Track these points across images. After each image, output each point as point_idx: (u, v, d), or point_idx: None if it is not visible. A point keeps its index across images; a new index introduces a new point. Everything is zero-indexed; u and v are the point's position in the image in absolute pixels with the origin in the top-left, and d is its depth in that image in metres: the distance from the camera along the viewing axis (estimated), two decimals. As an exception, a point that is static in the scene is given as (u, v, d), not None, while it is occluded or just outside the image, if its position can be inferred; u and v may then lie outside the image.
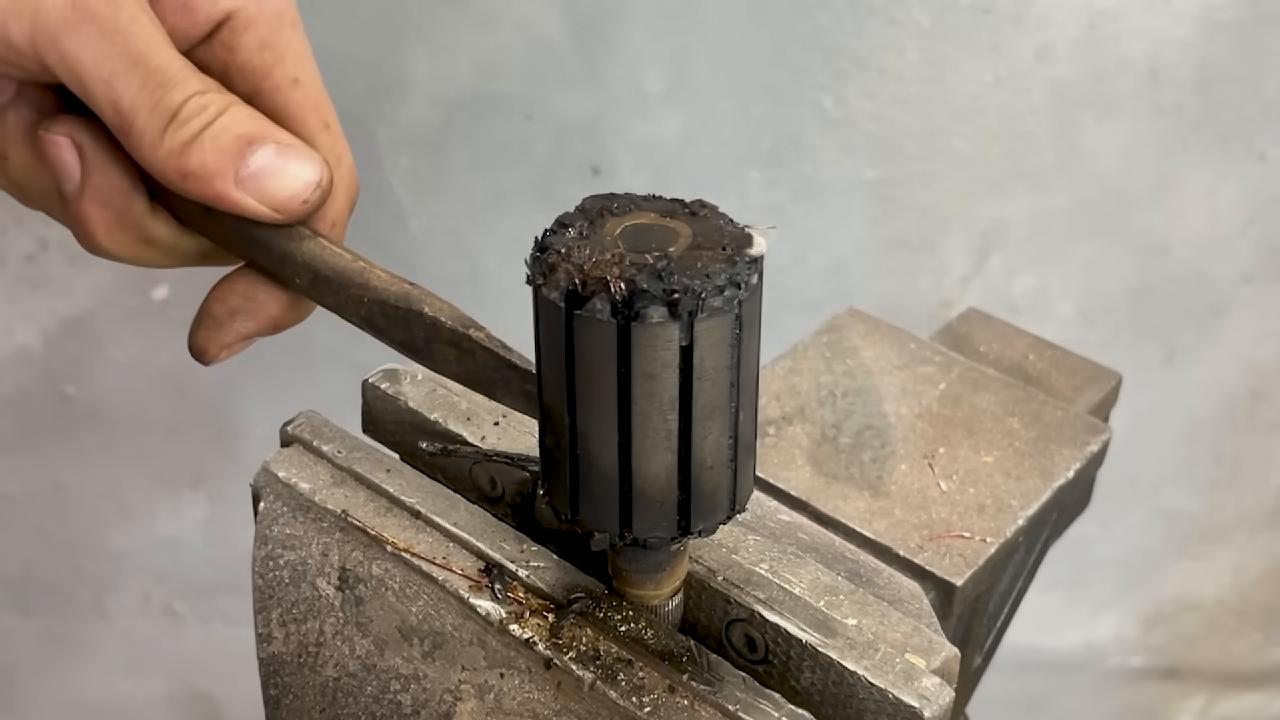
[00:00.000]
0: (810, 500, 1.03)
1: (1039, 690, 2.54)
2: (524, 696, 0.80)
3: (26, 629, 2.27)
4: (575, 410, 0.72)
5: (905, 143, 1.91)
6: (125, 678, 2.34)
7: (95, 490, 2.13)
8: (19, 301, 1.93)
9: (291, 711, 0.88)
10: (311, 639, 0.86)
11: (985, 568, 1.00)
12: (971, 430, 1.10)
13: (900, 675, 0.79)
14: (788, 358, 1.16)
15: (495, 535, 0.87)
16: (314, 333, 2.00)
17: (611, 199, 0.73)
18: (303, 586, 0.87)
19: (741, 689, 0.79)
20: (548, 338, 0.71)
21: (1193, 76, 1.91)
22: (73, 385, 2.02)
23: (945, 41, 1.85)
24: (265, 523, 0.90)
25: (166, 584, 2.25)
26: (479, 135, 1.85)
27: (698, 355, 0.69)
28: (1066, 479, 1.08)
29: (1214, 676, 2.62)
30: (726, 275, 0.68)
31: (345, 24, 1.77)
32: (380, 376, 0.96)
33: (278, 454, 0.93)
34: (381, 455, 0.93)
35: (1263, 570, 2.47)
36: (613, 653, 0.81)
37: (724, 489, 0.75)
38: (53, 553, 2.19)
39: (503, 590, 0.84)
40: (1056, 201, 2.00)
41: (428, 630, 0.83)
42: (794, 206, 1.93)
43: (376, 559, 0.86)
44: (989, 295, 2.04)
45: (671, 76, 1.83)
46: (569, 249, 0.69)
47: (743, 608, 0.83)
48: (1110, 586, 2.45)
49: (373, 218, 1.91)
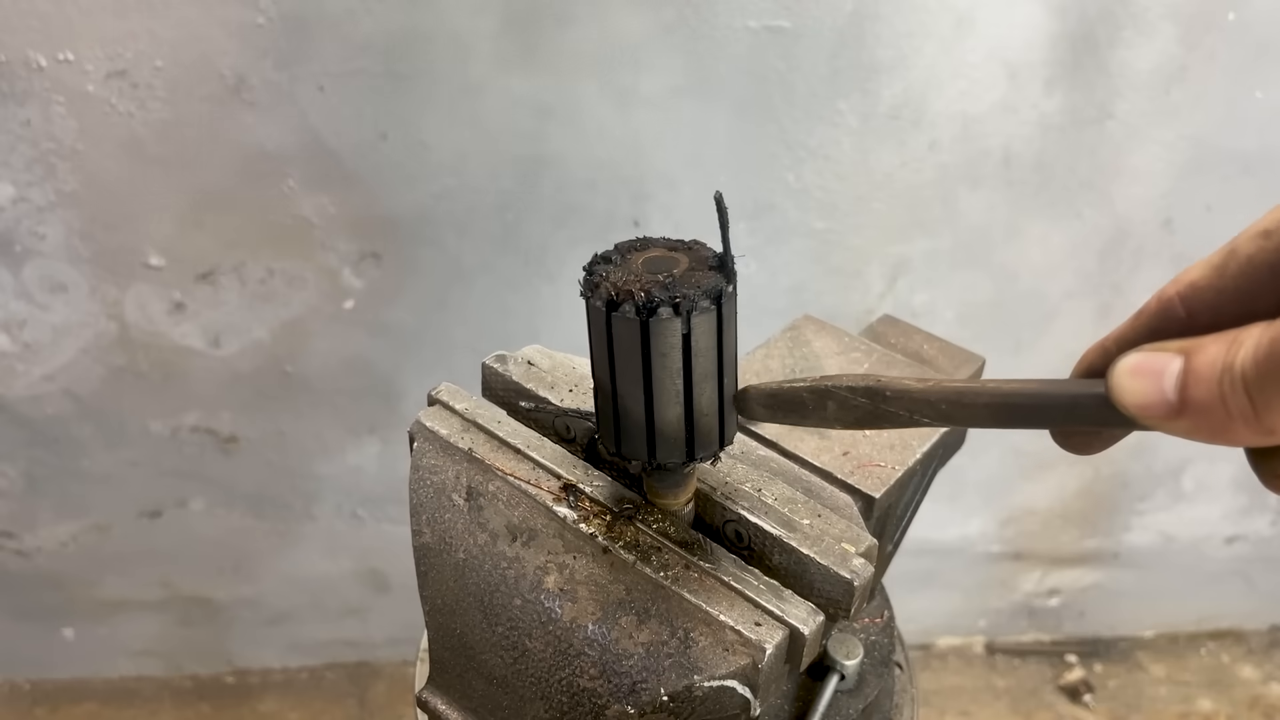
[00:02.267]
0: (779, 442, 1.03)
1: (931, 568, 2.53)
2: (589, 571, 0.80)
3: (260, 527, 2.28)
4: (616, 379, 0.73)
5: (842, 204, 1.90)
6: (325, 559, 2.35)
7: (305, 434, 2.14)
8: (255, 310, 1.94)
9: (435, 582, 0.88)
10: (448, 533, 0.86)
11: (895, 486, 0.99)
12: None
13: (838, 557, 0.79)
14: (763, 347, 1.16)
15: (570, 465, 0.87)
16: (450, 330, 2.01)
17: (636, 241, 0.75)
18: (442, 499, 0.87)
19: (733, 566, 0.79)
20: (595, 332, 0.72)
21: (1033, 160, 1.90)
22: (291, 365, 2.02)
23: (869, 137, 1.84)
24: (417, 456, 0.90)
25: (352, 497, 2.25)
26: (559, 198, 1.85)
27: (694, 340, 0.70)
28: (948, 428, 1.07)
29: (1046, 559, 2.61)
30: (711, 286, 0.70)
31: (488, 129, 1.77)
32: (494, 359, 0.96)
33: (425, 411, 0.93)
34: (495, 411, 0.93)
35: (1078, 488, 2.46)
36: (648, 542, 0.81)
37: (716, 430, 0.76)
38: (276, 476, 2.19)
39: (575, 501, 0.84)
40: (942, 243, 1.99)
41: (525, 527, 0.83)
42: (768, 247, 1.92)
43: (491, 480, 0.86)
44: (897, 306, 2.03)
45: (687, 160, 1.83)
46: (608, 273, 0.71)
47: (733, 512, 0.83)
48: (977, 498, 2.44)
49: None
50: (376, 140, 1.76)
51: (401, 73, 1.70)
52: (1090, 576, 2.67)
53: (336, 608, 2.47)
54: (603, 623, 0.77)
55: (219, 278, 1.89)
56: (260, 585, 2.40)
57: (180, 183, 1.78)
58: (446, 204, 1.84)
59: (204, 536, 2.28)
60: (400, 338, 2.00)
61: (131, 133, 1.72)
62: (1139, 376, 0.55)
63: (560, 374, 0.95)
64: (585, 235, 1.89)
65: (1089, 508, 2.51)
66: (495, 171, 1.82)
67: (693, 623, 0.76)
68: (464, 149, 1.79)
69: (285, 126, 1.74)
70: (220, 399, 2.06)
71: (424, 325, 1.99)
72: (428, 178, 1.81)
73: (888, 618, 1.14)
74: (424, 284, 1.93)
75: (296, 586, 2.41)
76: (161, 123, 1.72)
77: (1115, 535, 2.58)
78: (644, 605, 0.77)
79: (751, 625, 0.75)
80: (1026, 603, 2.71)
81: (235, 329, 1.96)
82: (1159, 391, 0.54)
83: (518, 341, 1.02)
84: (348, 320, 1.97)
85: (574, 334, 0.83)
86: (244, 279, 1.90)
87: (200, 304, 1.92)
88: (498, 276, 1.93)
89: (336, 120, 1.74)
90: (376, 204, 1.82)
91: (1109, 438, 0.68)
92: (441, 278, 1.92)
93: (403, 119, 1.75)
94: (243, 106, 1.71)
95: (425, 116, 1.75)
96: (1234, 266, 0.59)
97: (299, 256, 1.88)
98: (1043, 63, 1.80)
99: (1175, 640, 2.81)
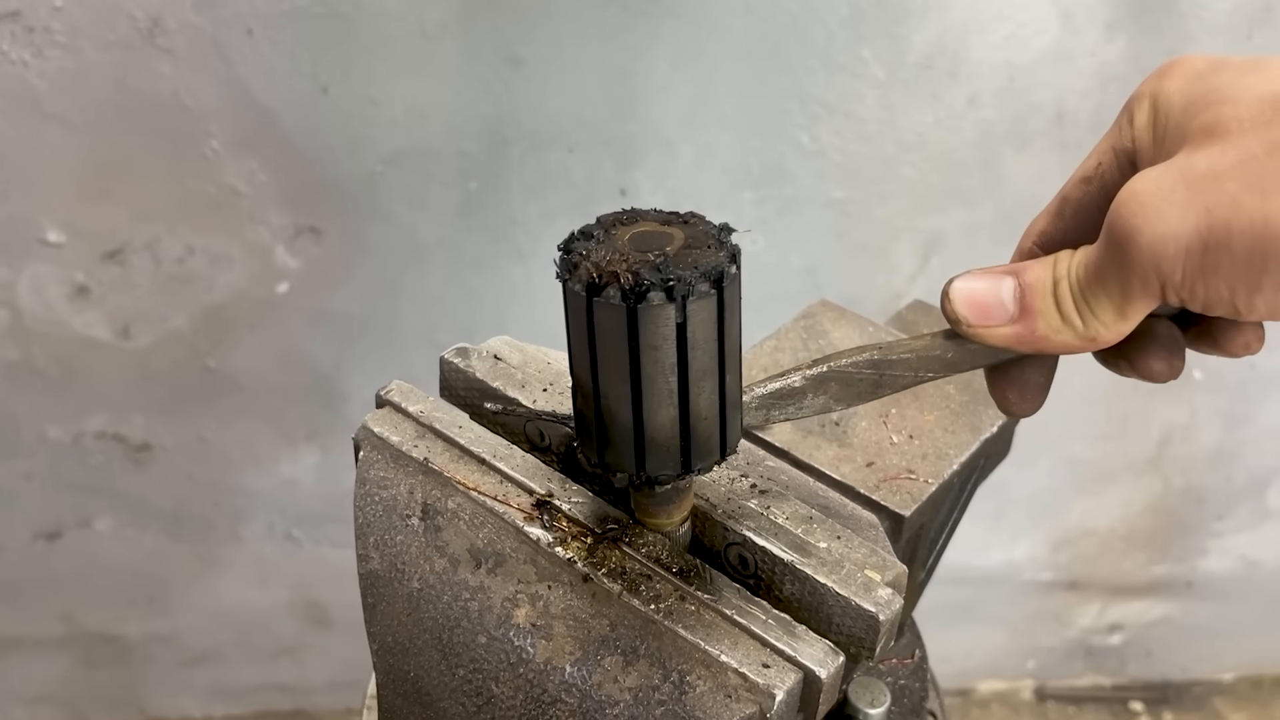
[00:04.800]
0: (790, 450, 1.03)
1: (970, 599, 2.54)
2: (566, 603, 0.80)
3: (177, 550, 2.28)
4: (598, 376, 0.73)
5: (865, 170, 1.91)
6: (254, 588, 2.35)
7: (231, 442, 2.13)
8: (173, 295, 1.93)
9: (385, 615, 0.88)
10: (400, 559, 0.86)
11: (928, 503, 1.00)
12: (917, 395, 1.10)
13: (861, 587, 0.79)
14: (773, 338, 1.16)
15: (544, 477, 0.87)
16: (403, 318, 2.01)
17: (623, 213, 0.75)
18: (393, 517, 0.87)
19: (737, 597, 0.79)
20: (574, 321, 0.72)
21: (1090, 119, 1.90)
22: (214, 360, 2.02)
23: (896, 91, 1.84)
24: (364, 468, 0.90)
25: (286, 515, 2.25)
26: (531, 163, 1.85)
27: (690, 330, 0.70)
28: (991, 433, 1.08)
29: (1107, 588, 2.61)
30: (710, 267, 0.69)
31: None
32: (454, 353, 0.96)
33: (374, 414, 0.93)
34: (455, 415, 0.93)
35: (1144, 504, 2.47)
36: (636, 569, 0.81)
37: (716, 437, 0.76)
38: (198, 491, 2.19)
39: (550, 520, 0.84)
40: (983, 215, 1.99)
41: (491, 552, 0.83)
42: (778, 220, 1.92)
43: (451, 496, 0.86)
44: (931, 289, 2.04)
45: (683, 118, 1.83)
46: (589, 251, 0.70)
47: (737, 534, 0.83)
48: (1025, 517, 2.44)
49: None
50: (316, 94, 1.76)
51: (345, 13, 1.70)
52: (1159, 609, 2.68)
53: (268, 646, 2.47)
54: (583, 664, 0.78)
55: (129, 256, 1.89)
56: (178, 620, 2.40)
57: (83, 144, 1.78)
58: (399, 170, 1.84)
59: (112, 562, 2.28)
60: (344, 328, 2.00)
61: (26, 85, 1.72)
62: (973, 289, 0.78)
63: (532, 370, 0.95)
64: (562, 206, 1.89)
65: (1157, 527, 2.52)
66: (456, 131, 1.81)
67: (689, 664, 0.76)
68: (420, 104, 1.79)
69: (207, 78, 1.73)
70: (131, 400, 2.06)
71: (372, 313, 1.99)
72: (377, 139, 1.81)
73: (919, 658, 1.14)
74: (372, 264, 1.93)
75: (221, 621, 2.40)
76: (61, 73, 1.71)
77: (1188, 560, 2.59)
78: (631, 643, 0.77)
79: (758, 667, 0.75)
80: (1083, 640, 2.72)
81: (148, 317, 1.96)
82: (998, 302, 0.76)
83: (483, 332, 1.02)
84: (282, 307, 1.96)
85: (549, 323, 0.83)
86: (159, 258, 1.90)
87: (107, 287, 1.92)
88: (459, 255, 1.93)
89: (268, 70, 1.73)
90: (316, 170, 1.82)
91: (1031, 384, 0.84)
92: (393, 257, 1.92)
93: (347, 69, 1.75)
94: (157, 54, 1.71)
95: (374, 66, 1.75)
96: (1068, 211, 0.80)
97: (224, 231, 1.88)
98: (1102, 2, 1.81)
99: (1259, 684, 2.82)
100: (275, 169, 1.82)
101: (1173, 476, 2.43)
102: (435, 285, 1.96)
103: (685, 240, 0.72)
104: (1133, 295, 0.70)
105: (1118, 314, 0.72)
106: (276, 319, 1.98)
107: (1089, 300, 0.72)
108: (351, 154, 1.82)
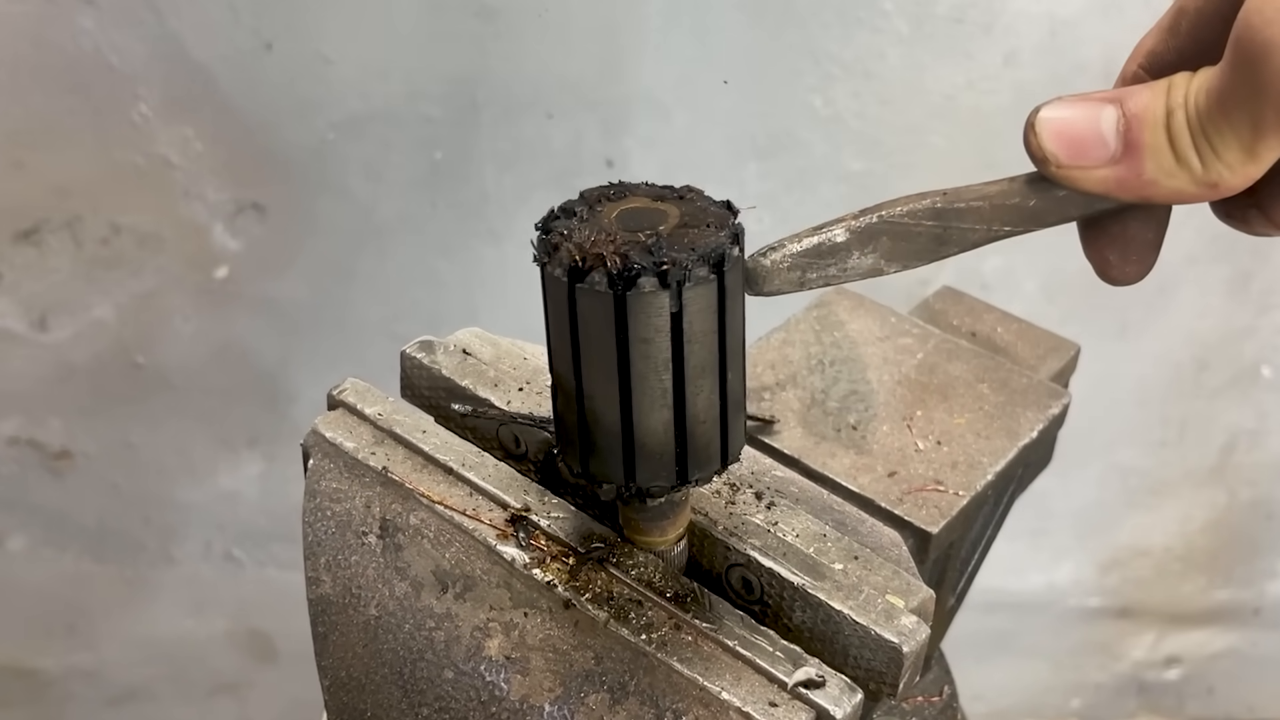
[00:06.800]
0: (801, 458, 1.03)
1: (1006, 628, 2.54)
2: (545, 633, 0.80)
3: (101, 573, 2.28)
4: (581, 373, 0.73)
5: (886, 138, 1.91)
6: (189, 616, 2.35)
7: (162, 449, 2.13)
8: (95, 281, 1.93)
9: (338, 647, 0.88)
10: (355, 582, 0.86)
11: (958, 518, 1.00)
12: (946, 395, 1.10)
13: (881, 614, 0.79)
14: (781, 330, 1.16)
15: (519, 489, 0.87)
16: (359, 308, 2.01)
17: (609, 187, 0.75)
18: (347, 535, 0.87)
19: (740, 626, 0.80)
20: (555, 310, 0.72)
21: (1144, 78, 1.90)
22: (143, 355, 2.02)
23: (922, 48, 1.84)
24: (314, 478, 0.90)
25: (226, 533, 2.25)
26: (505, 131, 1.85)
27: (687, 320, 0.70)
28: (1030, 438, 1.08)
29: (1163, 616, 2.62)
30: (709, 249, 0.69)
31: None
32: (417, 347, 0.96)
33: (325, 417, 0.93)
34: (418, 418, 0.93)
35: (1205, 520, 2.47)
36: (624, 594, 0.81)
37: (716, 442, 0.76)
38: (125, 505, 2.19)
39: (526, 538, 0.84)
40: (1022, 191, 1.99)
41: (459, 574, 0.83)
42: (787, 195, 1.93)
43: (413, 510, 0.86)
44: (961, 275, 2.04)
45: (679, 78, 1.83)
46: (571, 231, 0.70)
47: (740, 554, 0.83)
48: (1070, 535, 2.45)
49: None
50: (259, 51, 1.76)
51: (292, -41, 1.71)
52: (1221, 640, 2.68)
53: (204, 682, 2.47)
54: (564, 702, 0.78)
55: (45, 237, 1.89)
56: (102, 651, 2.40)
57: (-8, 108, 1.78)
58: (354, 138, 1.84)
59: (26, 586, 2.28)
60: (291, 318, 2.00)
61: (-75, 39, 1.72)
62: (1065, 120, 0.72)
63: (506, 366, 0.95)
64: (541, 180, 1.89)
65: (1220, 546, 2.52)
66: (420, 94, 1.82)
67: (685, 702, 0.76)
68: (377, 63, 1.79)
69: (135, 32, 1.73)
70: (47, 401, 2.06)
71: (323, 301, 1.99)
72: (329, 102, 1.81)
73: (948, 695, 1.15)
74: (323, 246, 1.93)
75: (151, 653, 2.40)
76: (-34, 26, 1.71)
77: (1256, 584, 2.60)
78: (619, 679, 0.77)
79: (764, 706, 0.75)
80: (1136, 675, 2.73)
81: (67, 306, 1.96)
82: (1096, 137, 0.71)
83: (450, 323, 1.02)
84: (220, 294, 1.96)
85: (526, 313, 0.83)
86: (79, 239, 1.89)
87: (20, 272, 1.92)
88: (423, 235, 1.93)
89: (204, 23, 1.73)
90: (259, 138, 1.82)
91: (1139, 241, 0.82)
92: (347, 237, 1.92)
93: (293, 21, 1.75)
94: (78, 5, 1.71)
95: (324, 18, 1.75)
96: (1185, 23, 0.75)
97: (154, 209, 1.88)
98: (1158, -53, 1.81)
99: (1334, 724, 2.83)
100: (212, 137, 1.82)
101: (1238, 488, 2.44)
102: (395, 270, 1.96)
103: (681, 218, 0.72)
104: (1266, 129, 0.65)
105: (1246, 153, 0.66)
106: (214, 308, 1.98)
107: (1210, 136, 0.67)
108: (299, 119, 1.82)
